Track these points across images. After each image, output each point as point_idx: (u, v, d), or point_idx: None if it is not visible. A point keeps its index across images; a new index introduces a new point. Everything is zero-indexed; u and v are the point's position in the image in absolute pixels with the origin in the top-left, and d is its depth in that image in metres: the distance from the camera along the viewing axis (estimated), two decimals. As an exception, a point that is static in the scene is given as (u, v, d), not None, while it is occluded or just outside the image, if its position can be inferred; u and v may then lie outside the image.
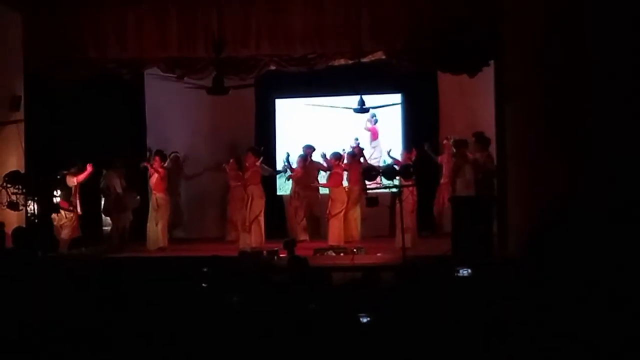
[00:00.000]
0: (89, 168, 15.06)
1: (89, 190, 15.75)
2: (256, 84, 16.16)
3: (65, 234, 14.83)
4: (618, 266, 8.37)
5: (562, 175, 11.89)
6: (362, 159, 16.55)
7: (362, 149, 16.98)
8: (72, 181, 14.95)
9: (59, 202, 14.84)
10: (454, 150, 15.53)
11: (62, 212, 14.86)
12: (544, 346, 6.17)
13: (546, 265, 9.32)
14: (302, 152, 16.99)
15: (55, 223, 14.84)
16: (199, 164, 18.01)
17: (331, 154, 16.42)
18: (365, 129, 17.94)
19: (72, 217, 14.94)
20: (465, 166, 14.89)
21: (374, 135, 18.11)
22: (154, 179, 15.70)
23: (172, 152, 17.44)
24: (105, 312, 7.33)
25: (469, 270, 8.75)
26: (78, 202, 15.10)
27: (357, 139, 17.42)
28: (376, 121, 18.02)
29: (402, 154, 16.34)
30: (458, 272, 8.79)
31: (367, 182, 15.52)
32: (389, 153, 16.91)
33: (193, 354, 6.53)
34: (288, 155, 17.30)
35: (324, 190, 16.69)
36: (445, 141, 16.44)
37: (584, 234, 9.94)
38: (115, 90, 16.14)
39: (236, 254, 14.10)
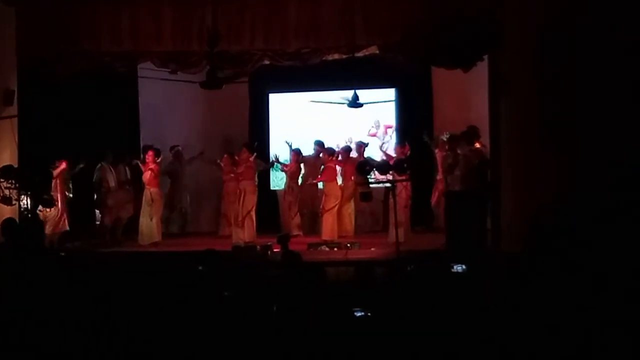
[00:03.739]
0: (63, 164, 15.06)
1: (83, 184, 15.77)
2: (250, 78, 16.15)
3: (47, 228, 14.72)
4: (613, 262, 8.37)
5: (556, 170, 11.90)
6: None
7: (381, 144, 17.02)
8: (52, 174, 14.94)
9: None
10: (447, 146, 15.58)
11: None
12: (537, 341, 6.18)
13: (540, 261, 9.32)
14: (297, 147, 16.97)
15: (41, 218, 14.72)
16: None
17: (325, 149, 16.45)
18: (373, 135, 18.04)
19: (52, 211, 14.86)
20: (458, 162, 14.90)
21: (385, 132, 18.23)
22: (147, 174, 15.66)
23: (174, 146, 17.44)
24: (95, 305, 7.34)
25: (464, 266, 8.77)
26: (59, 196, 15.01)
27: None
28: (378, 126, 18.12)
29: (395, 149, 16.37)
30: (452, 267, 8.82)
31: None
32: (380, 147, 16.98)
33: (186, 349, 6.53)
34: (277, 156, 17.37)
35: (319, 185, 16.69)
36: (442, 136, 16.42)
37: (578, 229, 9.94)
38: (109, 85, 16.10)
39: (229, 248, 14.12)
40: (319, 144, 16.89)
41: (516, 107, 12.89)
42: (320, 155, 16.76)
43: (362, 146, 16.83)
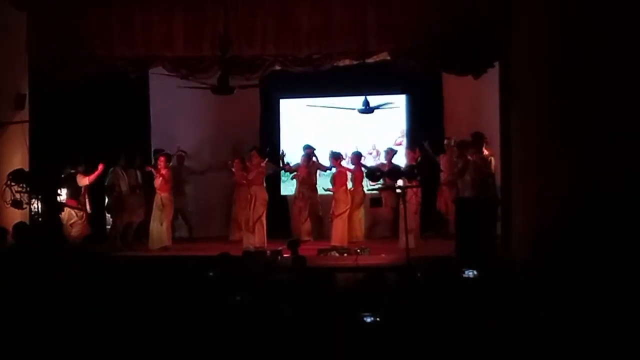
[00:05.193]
0: (100, 167, 15.12)
1: (95, 189, 15.81)
2: (261, 83, 16.17)
3: (75, 232, 14.78)
4: (621, 269, 8.36)
5: (566, 177, 11.88)
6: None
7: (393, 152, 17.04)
8: (84, 181, 15.02)
9: (66, 200, 14.84)
10: (457, 151, 15.59)
11: (72, 210, 14.86)
12: (547, 347, 6.17)
13: (549, 267, 9.31)
14: (303, 153, 16.98)
15: (64, 222, 14.78)
16: (203, 164, 17.92)
17: (330, 154, 16.44)
18: (399, 144, 18.03)
19: (82, 215, 14.99)
20: (467, 168, 14.90)
21: None
22: (158, 179, 15.69)
23: (178, 150, 17.43)
24: (107, 310, 7.35)
25: (475, 272, 8.76)
26: (87, 200, 15.16)
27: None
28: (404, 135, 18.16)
29: (406, 154, 16.35)
30: (463, 273, 8.81)
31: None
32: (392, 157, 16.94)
33: (198, 353, 6.53)
34: (283, 153, 17.40)
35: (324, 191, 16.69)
36: (446, 141, 16.46)
37: (588, 236, 9.92)
38: (119, 89, 16.12)
39: (240, 253, 14.11)
40: (309, 147, 16.92)
41: (527, 114, 12.88)
42: (314, 159, 16.88)
43: (391, 152, 16.84)
